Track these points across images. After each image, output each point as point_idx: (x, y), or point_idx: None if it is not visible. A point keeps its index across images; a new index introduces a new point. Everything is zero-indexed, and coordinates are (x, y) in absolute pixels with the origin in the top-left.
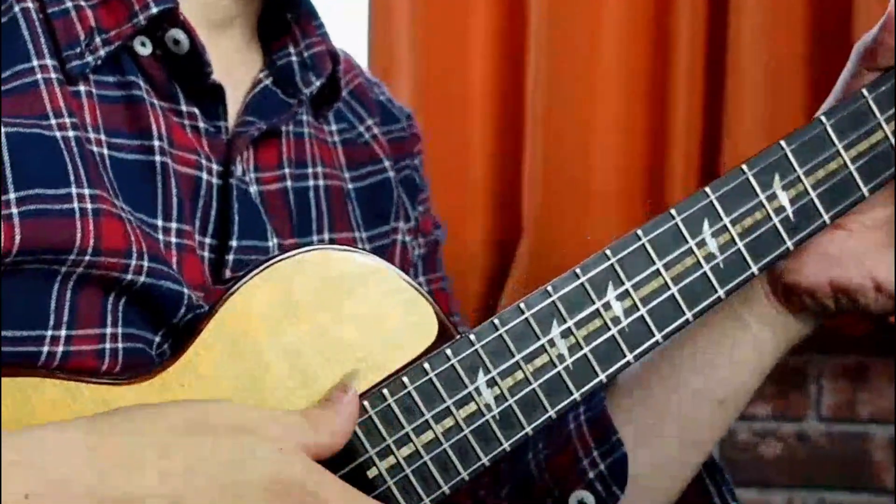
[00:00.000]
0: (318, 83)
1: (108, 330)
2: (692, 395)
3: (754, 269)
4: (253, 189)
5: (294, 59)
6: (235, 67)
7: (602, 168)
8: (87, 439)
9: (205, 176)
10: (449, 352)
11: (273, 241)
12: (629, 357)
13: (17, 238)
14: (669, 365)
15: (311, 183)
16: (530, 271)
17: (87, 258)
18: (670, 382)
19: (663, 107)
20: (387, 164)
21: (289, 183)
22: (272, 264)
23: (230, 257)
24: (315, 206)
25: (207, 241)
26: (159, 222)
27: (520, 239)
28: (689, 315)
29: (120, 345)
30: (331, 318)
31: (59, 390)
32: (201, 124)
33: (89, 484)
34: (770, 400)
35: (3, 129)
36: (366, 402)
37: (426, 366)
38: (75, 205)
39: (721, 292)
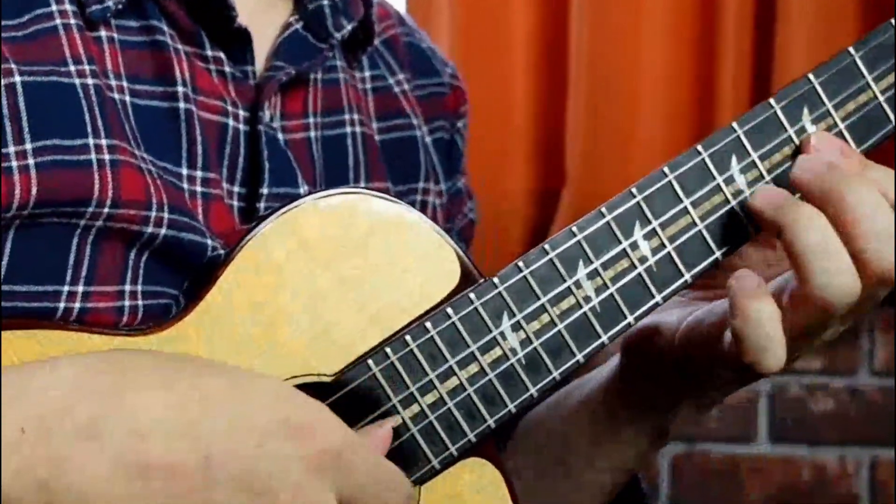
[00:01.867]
0: (349, 27)
1: (128, 287)
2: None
3: None
4: (280, 136)
5: (325, 2)
6: (264, 10)
7: (647, 115)
8: (81, 372)
9: (231, 122)
10: (472, 296)
11: (304, 189)
12: (657, 298)
13: (34, 190)
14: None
15: (347, 129)
16: (574, 221)
17: (106, 210)
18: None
19: (711, 52)
20: (415, 121)
21: (313, 133)
22: (290, 209)
23: (261, 205)
24: (352, 154)
25: (236, 189)
26: (184, 171)
27: (563, 188)
28: (718, 254)
29: (140, 302)
30: (350, 264)
31: (70, 341)
32: (227, 69)
33: (83, 416)
34: (820, 354)
35: (17, 78)
36: (388, 349)
37: (449, 310)
38: (93, 156)
39: (751, 229)
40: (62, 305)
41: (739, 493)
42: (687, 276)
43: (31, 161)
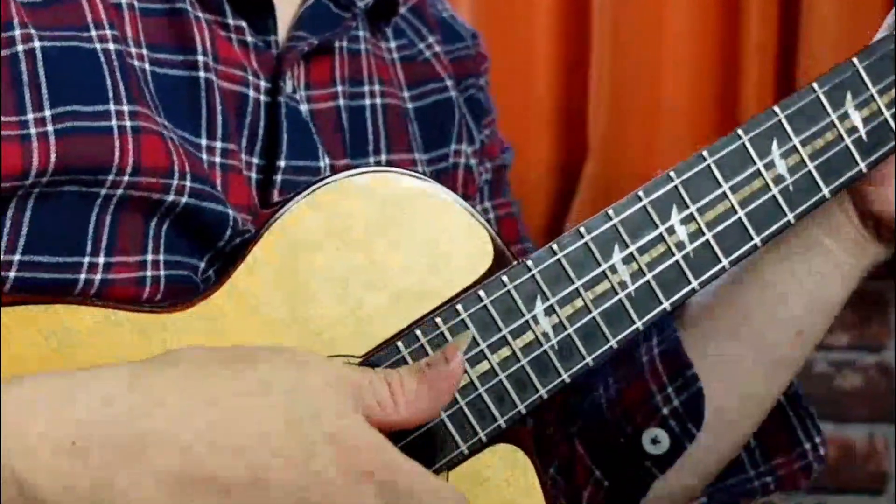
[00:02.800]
0: None
1: (150, 257)
2: (765, 324)
3: (826, 191)
4: (304, 107)
5: None
6: None
7: (672, 85)
8: (123, 387)
9: (251, 93)
10: (505, 278)
11: (325, 162)
12: (694, 284)
13: (53, 157)
14: (740, 295)
15: (367, 101)
16: (597, 194)
17: (127, 178)
18: (742, 312)
19: (736, 19)
20: (448, 83)
21: (341, 101)
22: (321, 186)
23: (278, 178)
24: (372, 126)
25: (255, 161)
26: (203, 141)
27: (586, 160)
28: (757, 240)
29: (162, 272)
30: (382, 244)
31: (98, 317)
32: (249, 38)
33: (126, 433)
34: (848, 329)
35: (37, 44)
36: (418, 331)
37: (481, 293)
38: (113, 122)
39: (791, 216)
40: (83, 277)
41: None
42: (725, 263)
43: (49, 128)
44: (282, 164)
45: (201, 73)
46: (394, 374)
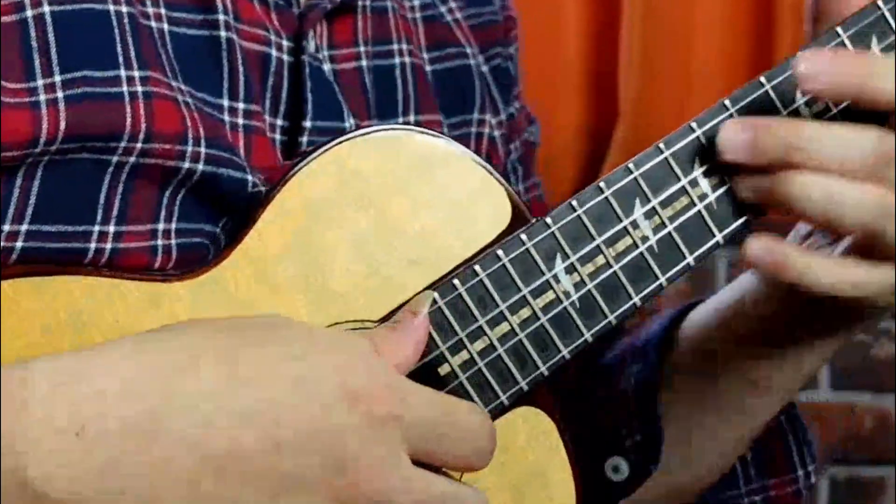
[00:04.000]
0: None
1: (161, 225)
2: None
3: None
4: (327, 67)
5: None
6: None
7: (704, 47)
8: (132, 364)
9: (274, 52)
10: (524, 237)
11: (350, 122)
12: (718, 237)
13: (63, 124)
14: (721, 382)
15: (396, 60)
16: (627, 158)
17: (139, 145)
18: (720, 397)
19: None
20: (469, 51)
21: (364, 62)
22: (334, 146)
23: (304, 140)
24: (401, 86)
25: (279, 122)
26: (225, 102)
27: (616, 124)
28: None
29: (174, 241)
30: (397, 203)
31: (106, 287)
32: None
33: (138, 414)
34: None
35: (46, 8)
36: (435, 294)
37: (499, 252)
38: (124, 88)
39: None
40: (93, 246)
41: None
42: (747, 214)
43: (59, 94)
44: (307, 125)
45: (222, 33)
46: (376, 332)
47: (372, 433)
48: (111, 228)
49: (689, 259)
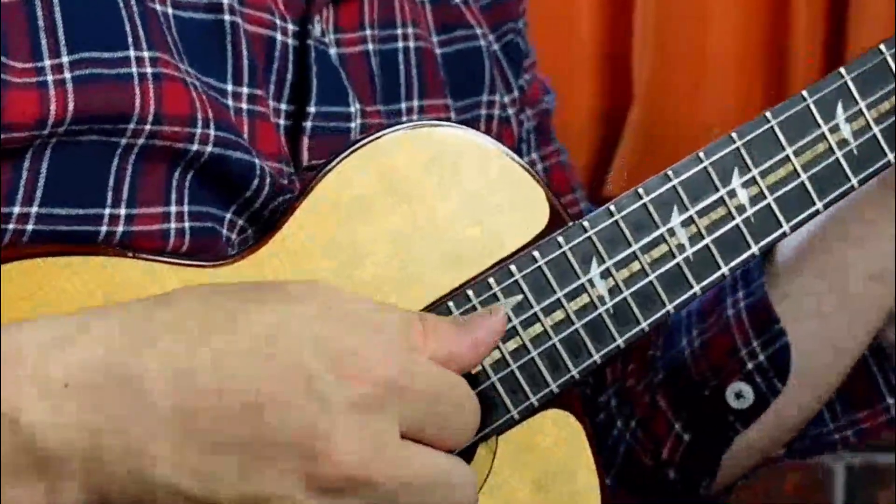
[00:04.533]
0: None
1: (174, 208)
2: (846, 270)
3: (891, 157)
4: (333, 51)
5: None
6: None
7: (719, 30)
8: (122, 323)
9: (279, 37)
10: (560, 239)
11: (355, 107)
12: (754, 249)
13: (71, 105)
14: (822, 240)
15: (400, 44)
16: (641, 141)
17: (148, 127)
18: (825, 255)
19: None
20: (478, 31)
21: (371, 46)
22: (372, 140)
23: (308, 124)
24: (405, 70)
25: (283, 107)
26: (229, 87)
27: (630, 107)
28: (819, 205)
29: (187, 224)
30: (434, 201)
31: (143, 270)
32: None
33: (127, 369)
34: None
35: None
36: (470, 291)
37: (535, 254)
38: (133, 69)
39: (854, 181)
40: (104, 229)
41: None
42: (786, 228)
43: (67, 75)
44: (311, 110)
45: (227, 17)
46: (429, 316)
47: (364, 405)
48: (122, 211)
49: (724, 269)
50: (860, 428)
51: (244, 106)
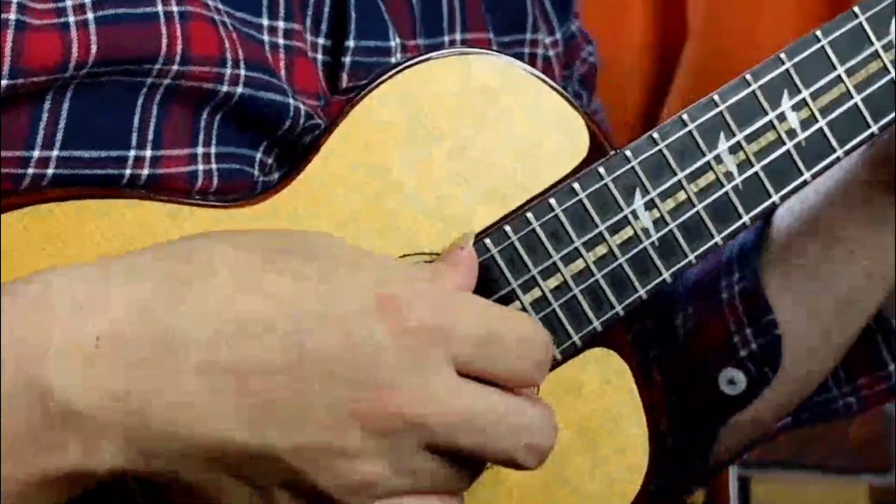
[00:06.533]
0: None
1: (201, 149)
2: (838, 270)
3: None
4: None
5: None
6: None
7: None
8: (155, 274)
9: None
10: (602, 170)
11: (395, 41)
12: (806, 175)
13: (94, 47)
14: (819, 239)
15: None
16: (696, 79)
17: (175, 68)
18: (821, 256)
19: None
20: None
21: None
22: (402, 70)
23: (347, 60)
24: (447, 3)
25: (321, 41)
26: (265, 21)
27: (684, 42)
28: (874, 128)
29: (214, 165)
30: (469, 133)
31: (163, 213)
32: None
33: (161, 324)
34: None
35: None
36: (507, 227)
37: (576, 185)
38: (159, 7)
39: None
40: (128, 172)
41: None
42: (839, 153)
43: (90, 15)
44: (350, 44)
45: None
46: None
47: (409, 346)
48: (147, 153)
49: (775, 197)
50: (861, 395)
51: (280, 41)
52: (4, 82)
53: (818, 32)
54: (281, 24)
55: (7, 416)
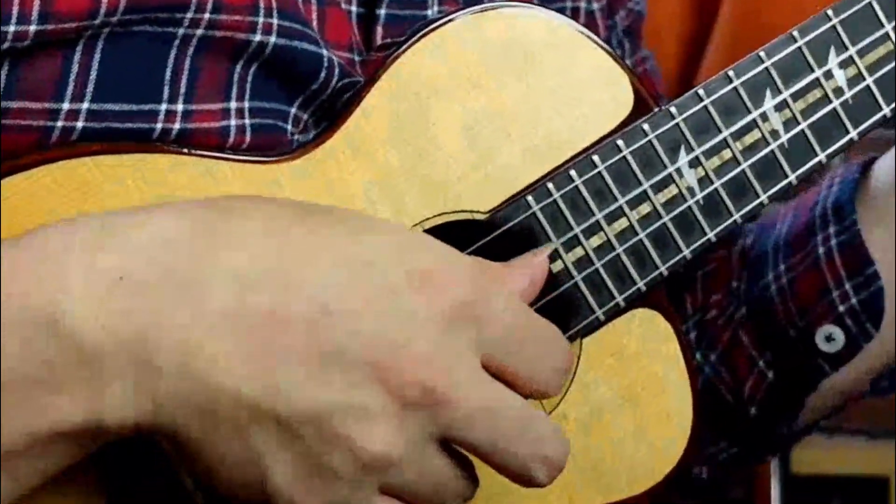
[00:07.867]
0: None
1: (234, 104)
2: None
3: None
4: None
5: None
6: None
7: None
8: (182, 221)
9: None
10: (646, 126)
11: None
12: (853, 134)
13: None
14: None
15: None
16: (735, 35)
17: (207, 16)
18: None
19: None
20: None
21: None
22: (444, 24)
23: (382, 12)
24: None
25: None
26: None
27: None
28: None
29: (247, 120)
30: (512, 88)
31: (200, 169)
32: None
33: (183, 267)
34: None
35: None
36: (550, 184)
37: (620, 142)
38: None
39: None
40: (159, 126)
41: None
42: (886, 111)
43: None
44: None
45: None
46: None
47: (440, 323)
48: (179, 107)
49: (822, 156)
50: None
51: None
52: (33, 27)
53: None
54: None
55: (14, 351)
